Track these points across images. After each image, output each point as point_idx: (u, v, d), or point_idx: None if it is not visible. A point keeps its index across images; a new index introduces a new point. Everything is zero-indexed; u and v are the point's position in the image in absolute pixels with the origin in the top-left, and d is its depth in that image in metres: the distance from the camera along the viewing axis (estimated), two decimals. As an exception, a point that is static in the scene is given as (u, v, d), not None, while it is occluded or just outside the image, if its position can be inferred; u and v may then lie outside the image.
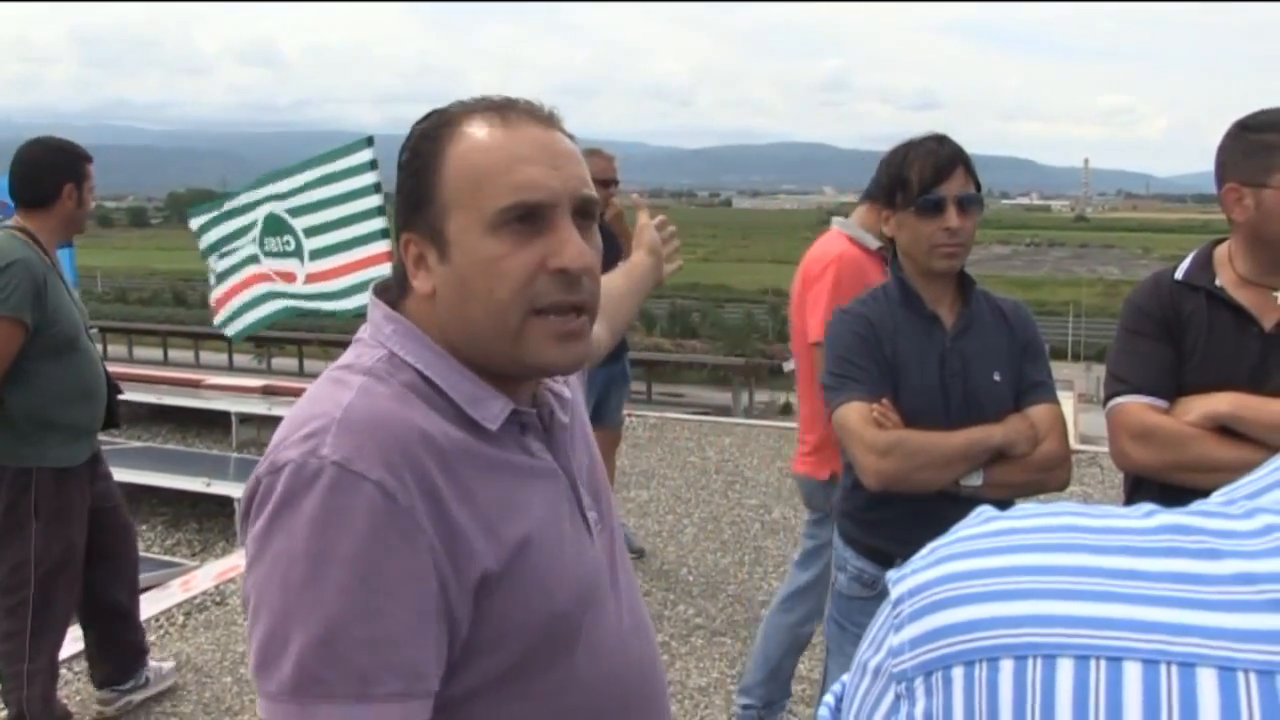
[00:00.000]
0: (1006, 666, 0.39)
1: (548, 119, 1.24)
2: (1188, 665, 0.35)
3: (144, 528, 7.99)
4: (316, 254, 7.73)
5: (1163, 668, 0.36)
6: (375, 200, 7.90)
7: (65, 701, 4.16)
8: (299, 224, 7.71)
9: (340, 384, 1.18)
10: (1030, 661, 0.38)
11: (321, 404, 1.15)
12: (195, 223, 8.19)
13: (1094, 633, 0.37)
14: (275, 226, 7.66)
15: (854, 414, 2.35)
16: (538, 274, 1.17)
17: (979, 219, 2.42)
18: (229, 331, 7.98)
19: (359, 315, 7.36)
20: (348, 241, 7.36)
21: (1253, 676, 0.34)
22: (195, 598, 5.34)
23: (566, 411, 1.33)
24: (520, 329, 1.18)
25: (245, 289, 7.88)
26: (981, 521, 0.46)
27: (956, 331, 2.43)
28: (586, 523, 1.30)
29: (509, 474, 1.21)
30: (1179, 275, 2.40)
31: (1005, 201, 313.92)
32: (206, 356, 24.41)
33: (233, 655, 4.67)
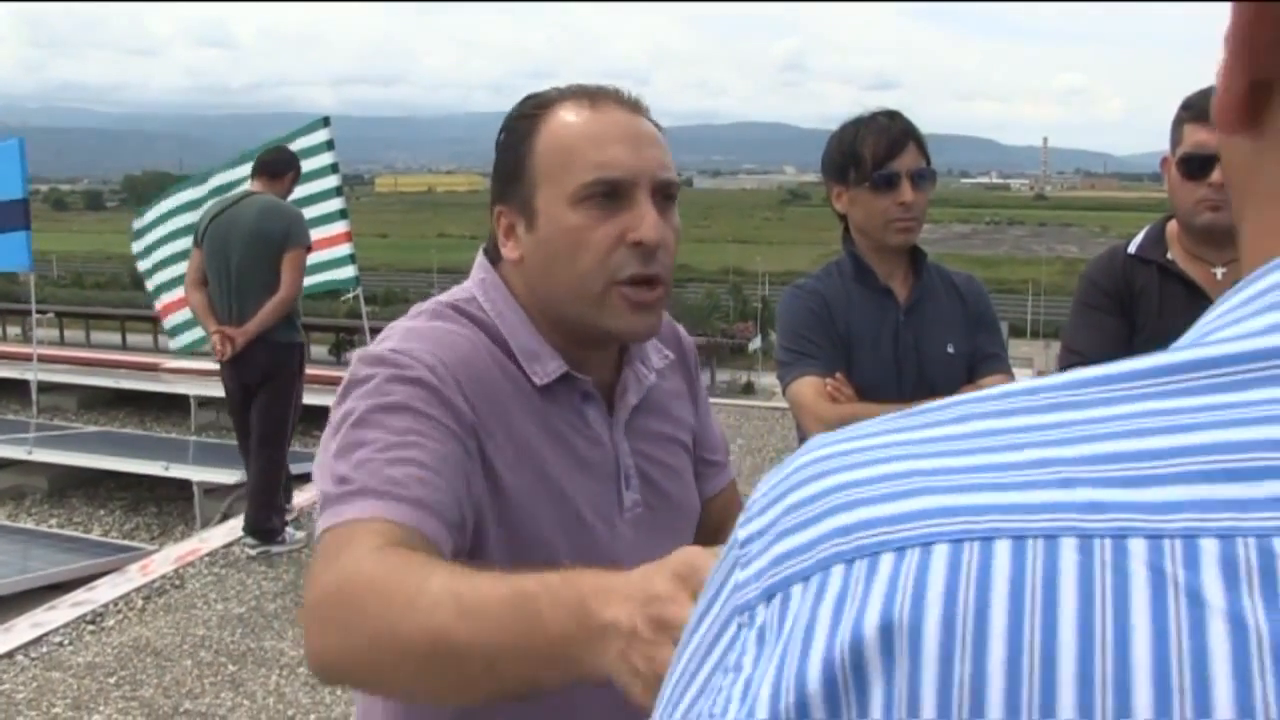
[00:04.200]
0: (837, 571, 0.40)
1: (633, 105, 1.33)
2: (988, 540, 0.38)
3: (102, 512, 7.92)
4: None
5: (966, 545, 0.38)
6: (333, 180, 7.88)
7: (24, 686, 4.14)
8: None
9: (421, 310, 1.35)
10: (857, 564, 0.40)
11: (398, 322, 1.33)
12: (139, 223, 8.30)
13: (907, 525, 0.39)
14: None
15: (807, 388, 2.36)
16: (617, 246, 1.26)
17: (931, 193, 2.43)
18: (175, 344, 8.14)
19: (317, 294, 7.46)
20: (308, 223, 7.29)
21: (1040, 542, 0.37)
22: (154, 581, 5.30)
23: (639, 394, 1.42)
24: (601, 296, 1.27)
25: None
26: (820, 445, 0.46)
27: (909, 305, 2.44)
28: (620, 502, 1.37)
29: (550, 428, 1.31)
30: (1132, 249, 2.44)
31: (965, 180, 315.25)
32: (166, 340, 24.19)
33: (192, 639, 4.65)
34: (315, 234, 7.73)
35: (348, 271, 8.01)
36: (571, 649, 0.86)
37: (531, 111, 1.33)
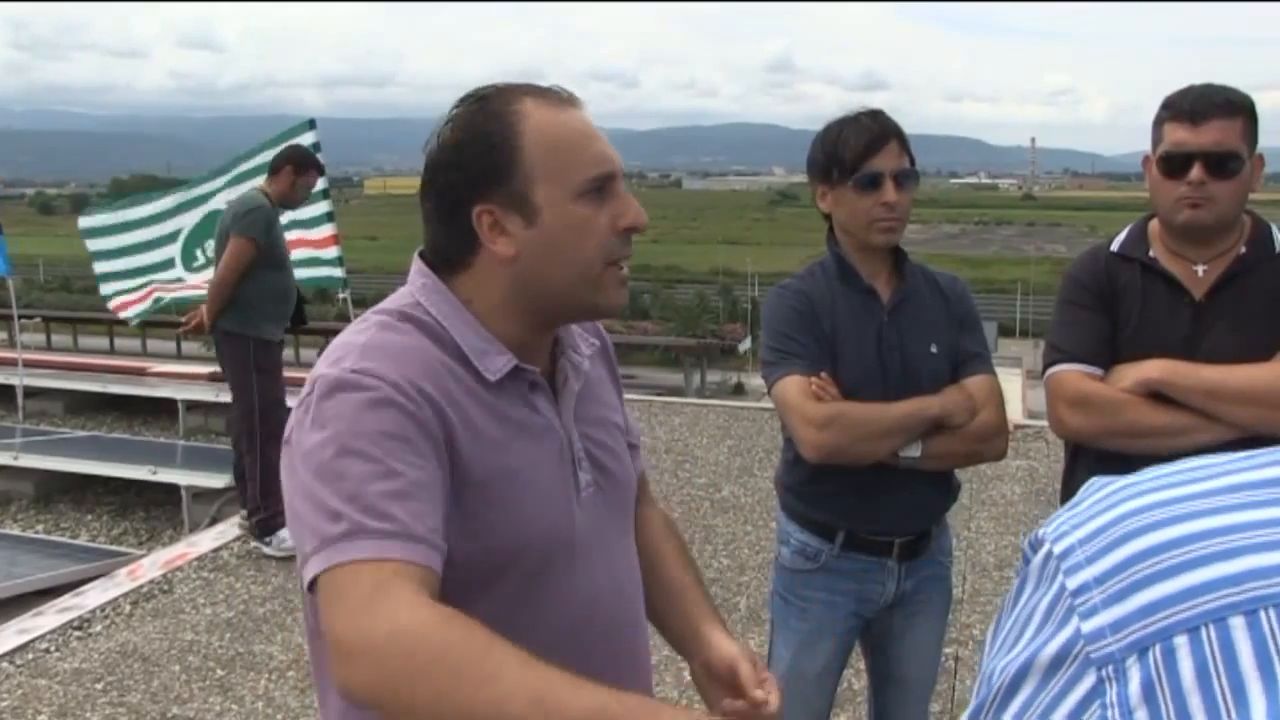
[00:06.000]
0: (1238, 623, 0.39)
1: (580, 103, 1.43)
2: None
3: (89, 517, 7.89)
4: None
5: None
6: (320, 184, 7.87)
7: (9, 694, 4.12)
8: None
9: (366, 322, 1.40)
10: (1264, 614, 0.39)
11: (349, 338, 1.37)
12: (89, 221, 8.30)
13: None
14: (211, 229, 7.63)
15: (793, 388, 2.36)
16: (611, 233, 1.39)
17: (915, 192, 2.43)
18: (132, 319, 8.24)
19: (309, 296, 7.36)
20: (290, 223, 7.31)
21: None
22: (142, 586, 5.29)
23: (579, 381, 1.52)
24: (600, 278, 1.40)
25: (167, 291, 8.00)
26: (1132, 495, 0.47)
27: (893, 305, 2.45)
28: (577, 483, 1.46)
29: (505, 419, 1.39)
30: (1115, 247, 2.44)
31: (954, 181, 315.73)
32: (153, 345, 24.10)
33: (180, 643, 4.63)
34: (303, 234, 7.76)
35: (335, 273, 8.02)
36: None
37: (500, 109, 1.38)
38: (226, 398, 6.86)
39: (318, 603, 1.19)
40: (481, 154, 1.37)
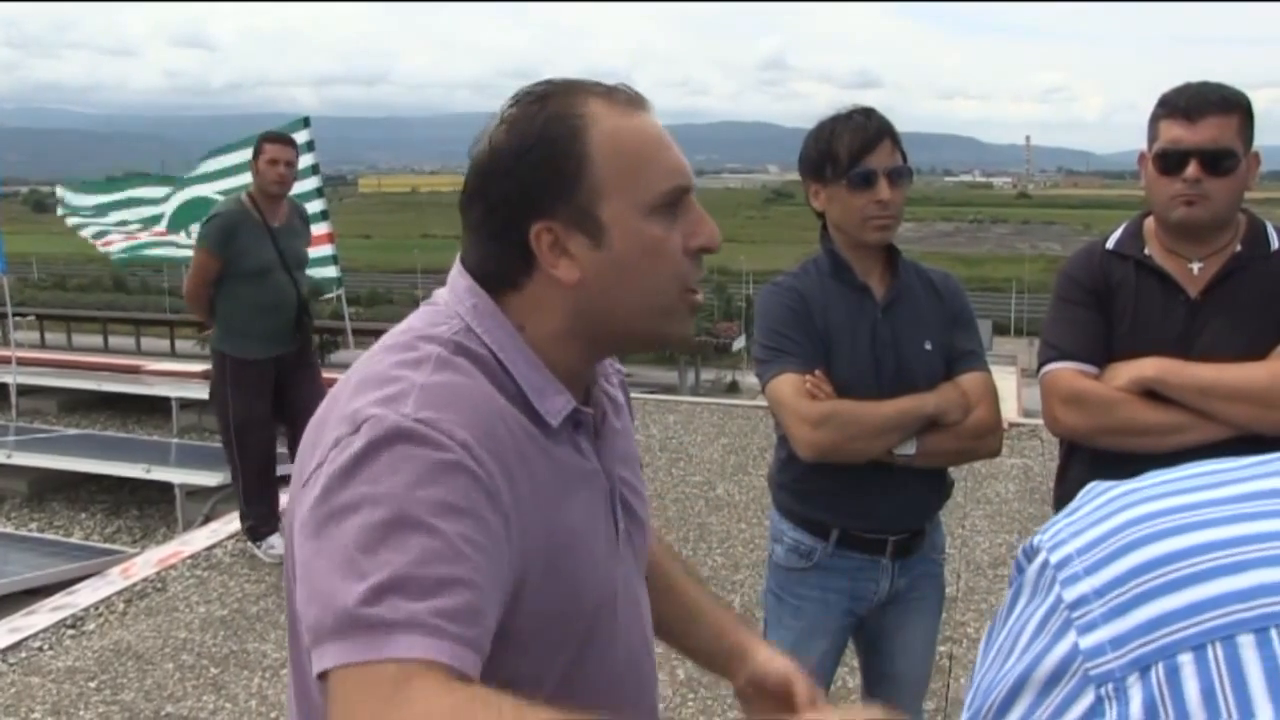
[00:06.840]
0: (1247, 642, 0.38)
1: (649, 105, 1.25)
2: None
3: (83, 515, 7.89)
4: None
5: None
6: (313, 182, 7.88)
7: (2, 692, 4.12)
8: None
9: (415, 353, 1.15)
10: (1274, 631, 0.38)
11: (398, 370, 1.13)
12: (75, 200, 8.33)
13: None
14: (200, 210, 7.57)
15: (787, 386, 2.36)
16: (684, 254, 1.21)
17: (908, 190, 2.43)
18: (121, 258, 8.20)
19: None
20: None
21: None
22: (136, 584, 5.27)
23: (620, 419, 1.37)
24: (673, 306, 1.22)
25: (146, 237, 8.00)
26: (1133, 502, 0.45)
27: (887, 302, 2.45)
28: (617, 529, 1.31)
29: (562, 468, 1.21)
30: (1110, 245, 2.44)
31: (948, 179, 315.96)
32: (148, 343, 24.13)
33: (174, 642, 4.62)
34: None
35: (329, 272, 8.01)
36: None
37: (563, 111, 1.18)
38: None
39: (327, 695, 0.97)
40: (543, 162, 1.16)
